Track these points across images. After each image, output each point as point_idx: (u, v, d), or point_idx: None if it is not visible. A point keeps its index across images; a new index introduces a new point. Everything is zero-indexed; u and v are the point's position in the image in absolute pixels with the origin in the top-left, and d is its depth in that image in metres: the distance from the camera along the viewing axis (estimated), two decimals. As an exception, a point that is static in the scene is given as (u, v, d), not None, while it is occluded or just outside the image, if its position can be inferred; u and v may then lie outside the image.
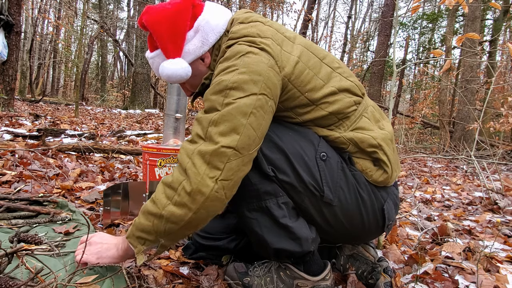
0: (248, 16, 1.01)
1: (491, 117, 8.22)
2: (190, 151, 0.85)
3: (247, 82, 0.85)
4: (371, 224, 1.01)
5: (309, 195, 0.93)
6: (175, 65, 1.00)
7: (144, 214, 0.88)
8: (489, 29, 13.19)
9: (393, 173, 1.01)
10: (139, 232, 0.89)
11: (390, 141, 1.02)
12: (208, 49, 1.03)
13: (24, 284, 0.80)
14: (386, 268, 1.12)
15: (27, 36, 13.86)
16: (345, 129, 0.98)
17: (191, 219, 0.85)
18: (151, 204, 0.88)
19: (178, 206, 0.84)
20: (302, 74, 0.94)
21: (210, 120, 0.85)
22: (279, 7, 13.11)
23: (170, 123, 1.92)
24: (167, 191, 0.86)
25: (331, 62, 1.01)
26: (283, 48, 0.94)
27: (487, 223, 2.10)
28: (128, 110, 11.94)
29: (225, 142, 0.82)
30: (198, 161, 0.83)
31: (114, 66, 25.90)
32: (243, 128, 0.84)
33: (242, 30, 0.96)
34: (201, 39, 1.01)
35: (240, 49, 0.90)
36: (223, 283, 1.11)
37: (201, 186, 0.82)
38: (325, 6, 31.32)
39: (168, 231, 0.87)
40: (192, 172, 0.83)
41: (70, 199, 1.88)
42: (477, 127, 3.34)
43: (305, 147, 0.93)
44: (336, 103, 0.96)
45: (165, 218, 0.85)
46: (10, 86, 6.03)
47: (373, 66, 11.18)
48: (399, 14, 2.70)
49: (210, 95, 0.88)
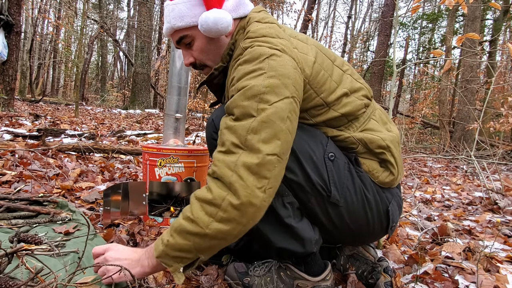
0: (265, 17, 1.01)
1: (491, 117, 8.22)
2: (231, 163, 0.80)
3: (279, 86, 0.83)
4: (375, 226, 1.01)
5: (316, 195, 0.93)
6: (222, 14, 0.95)
7: (181, 234, 0.82)
8: (489, 29, 13.20)
9: (398, 175, 1.02)
10: (176, 252, 0.83)
11: (397, 143, 1.03)
12: (235, 18, 1.01)
13: (24, 284, 0.80)
14: (386, 268, 1.12)
15: (27, 36, 13.86)
16: (354, 130, 0.99)
17: (239, 232, 0.81)
18: (188, 223, 0.81)
19: (225, 223, 0.79)
20: (318, 75, 0.94)
21: (249, 128, 0.80)
22: (279, 7, 13.11)
23: (170, 123, 1.92)
24: (207, 208, 0.80)
25: (341, 64, 1.03)
26: (299, 50, 0.94)
27: (487, 223, 2.10)
28: (128, 110, 11.94)
29: (269, 150, 0.79)
30: (245, 173, 0.78)
31: (114, 66, 25.92)
32: (282, 133, 0.81)
33: (261, 30, 0.95)
34: (234, 4, 1.00)
35: (261, 51, 0.87)
36: (223, 283, 1.11)
37: (251, 198, 0.78)
38: (325, 6, 31.37)
39: (212, 247, 0.83)
40: (239, 185, 0.78)
41: (70, 199, 1.88)
42: (477, 127, 3.34)
43: (314, 146, 0.93)
44: (348, 105, 0.97)
45: (209, 236, 0.80)
46: (10, 86, 6.03)
47: (373, 66, 11.18)
48: (399, 14, 2.70)
49: (242, 101, 0.83)
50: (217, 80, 1.07)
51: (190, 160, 1.57)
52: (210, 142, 1.03)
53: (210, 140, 1.03)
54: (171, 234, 0.84)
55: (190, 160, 1.57)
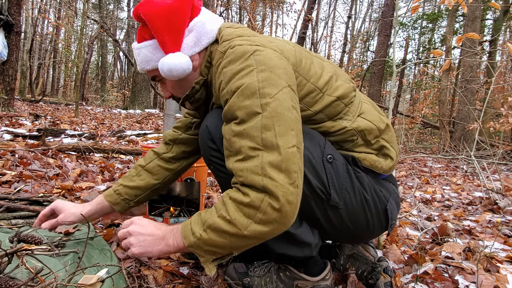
0: (235, 24, 1.03)
1: (491, 117, 8.22)
2: (256, 168, 0.77)
3: (273, 78, 0.82)
4: (375, 225, 1.01)
5: (315, 198, 0.93)
6: (177, 59, 0.96)
7: (216, 231, 0.81)
8: (489, 29, 13.20)
9: (397, 155, 1.05)
10: (209, 247, 0.83)
11: (388, 125, 1.06)
12: (199, 51, 1.01)
13: (24, 284, 0.80)
14: (386, 268, 1.12)
15: (27, 36, 13.86)
16: (353, 115, 0.99)
17: (280, 232, 0.81)
18: (225, 223, 0.79)
19: (264, 224, 0.78)
20: (302, 62, 0.95)
21: (260, 126, 0.78)
22: (279, 7, 13.11)
23: (170, 123, 1.92)
24: (246, 210, 0.78)
25: (318, 56, 1.06)
26: (277, 44, 0.95)
27: (487, 223, 2.10)
28: (128, 110, 11.94)
29: (288, 143, 0.78)
30: (274, 173, 0.76)
31: (114, 66, 25.91)
32: (293, 123, 0.81)
33: (235, 32, 0.97)
34: (194, 40, 0.99)
35: (244, 49, 0.87)
36: (223, 283, 1.11)
37: (288, 196, 0.76)
38: (325, 6, 31.33)
39: (249, 245, 0.83)
40: (273, 186, 0.75)
41: (70, 199, 1.88)
42: (477, 127, 3.34)
43: (312, 149, 0.92)
44: (339, 88, 0.98)
45: (248, 237, 0.79)
46: (10, 86, 6.03)
47: (373, 66, 11.18)
48: (399, 14, 2.70)
49: (242, 101, 0.81)
50: (199, 95, 1.05)
51: (190, 160, 1.57)
52: (205, 149, 1.00)
53: (204, 147, 1.00)
54: (204, 230, 0.82)
55: (190, 160, 1.57)
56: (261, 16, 17.27)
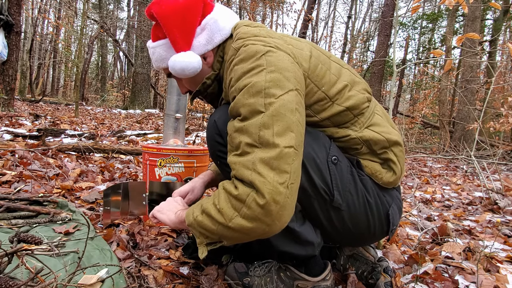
0: (253, 22, 1.02)
1: (491, 117, 8.22)
2: (248, 162, 0.78)
3: (282, 80, 0.82)
4: (376, 229, 1.01)
5: (318, 198, 0.93)
6: (188, 58, 0.98)
7: (208, 217, 0.83)
8: (489, 29, 13.20)
9: (401, 173, 1.02)
10: (202, 229, 0.85)
11: (402, 141, 1.03)
12: (212, 49, 1.02)
13: (24, 284, 0.80)
14: (386, 268, 1.12)
15: (27, 36, 13.86)
16: (360, 127, 0.97)
17: (264, 232, 0.79)
18: (214, 211, 0.82)
19: (248, 220, 0.77)
20: (317, 68, 0.94)
21: (260, 124, 0.79)
22: (279, 7, 13.11)
23: (170, 123, 1.92)
24: (233, 202, 0.79)
25: (337, 60, 1.04)
26: (294, 46, 0.94)
27: (487, 223, 2.10)
28: (128, 110, 11.94)
29: (285, 142, 0.77)
30: (263, 169, 0.76)
31: (114, 66, 25.91)
32: (294, 125, 0.80)
33: (251, 30, 0.96)
34: (206, 37, 1.00)
35: (257, 49, 0.87)
36: (223, 283, 1.11)
37: (274, 195, 0.75)
38: (325, 6, 31.37)
39: (235, 238, 0.83)
40: (260, 182, 0.75)
41: (70, 199, 1.88)
42: (477, 127, 3.34)
43: (317, 149, 0.92)
44: (351, 98, 0.96)
45: (232, 229, 0.79)
46: (10, 86, 6.04)
47: (373, 66, 11.18)
48: (399, 14, 2.70)
49: (247, 99, 0.82)
50: (211, 89, 1.07)
51: (190, 160, 1.57)
52: (212, 144, 1.01)
53: (211, 142, 1.01)
54: (200, 213, 0.86)
55: (190, 160, 1.57)
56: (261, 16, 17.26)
